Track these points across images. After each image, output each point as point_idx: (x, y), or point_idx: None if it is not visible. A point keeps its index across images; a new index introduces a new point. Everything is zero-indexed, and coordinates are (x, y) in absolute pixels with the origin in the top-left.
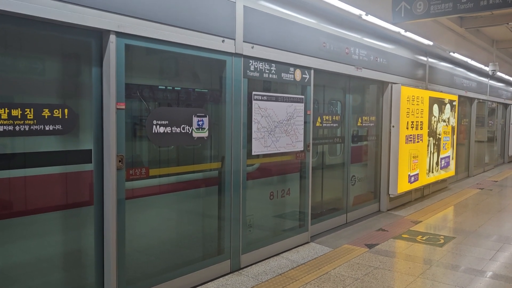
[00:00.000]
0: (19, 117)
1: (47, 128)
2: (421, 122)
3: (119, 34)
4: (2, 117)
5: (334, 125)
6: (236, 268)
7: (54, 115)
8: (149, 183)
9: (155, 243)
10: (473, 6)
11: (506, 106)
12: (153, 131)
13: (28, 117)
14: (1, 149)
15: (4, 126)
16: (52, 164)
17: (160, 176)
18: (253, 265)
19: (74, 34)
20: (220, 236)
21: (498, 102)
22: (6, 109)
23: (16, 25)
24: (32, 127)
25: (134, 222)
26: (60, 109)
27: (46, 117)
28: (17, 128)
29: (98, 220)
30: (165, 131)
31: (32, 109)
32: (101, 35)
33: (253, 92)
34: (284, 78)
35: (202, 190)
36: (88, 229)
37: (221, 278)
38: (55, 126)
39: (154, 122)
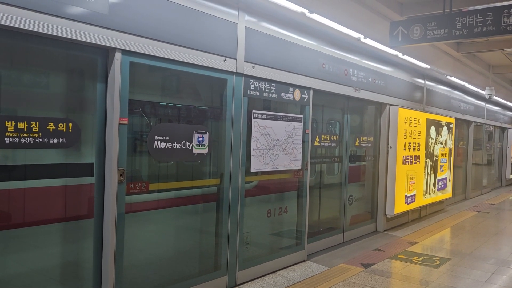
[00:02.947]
0: (25, 129)
1: (51, 141)
2: (418, 143)
3: (124, 52)
4: (9, 130)
5: (332, 144)
6: (232, 284)
7: (58, 128)
8: (149, 197)
9: (153, 257)
10: (467, 32)
11: (503, 129)
12: (154, 147)
13: (34, 130)
14: (4, 160)
15: (10, 138)
16: (54, 176)
17: (159, 191)
18: (249, 282)
19: (81, 51)
20: (217, 252)
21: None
22: (12, 121)
23: (25, 42)
24: (37, 139)
25: (133, 236)
26: (64, 123)
27: (51, 130)
28: (22, 140)
29: (97, 233)
30: (166, 147)
31: (37, 122)
32: (107, 52)
33: (253, 111)
34: (283, 97)
35: (201, 206)
36: (87, 242)
37: None
38: (59, 139)
39: (156, 137)
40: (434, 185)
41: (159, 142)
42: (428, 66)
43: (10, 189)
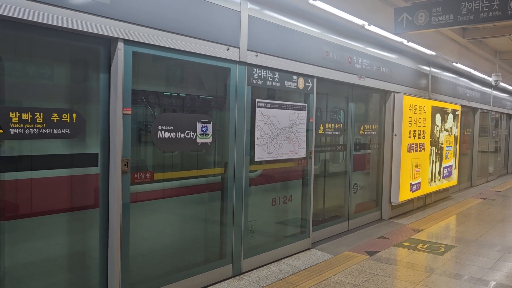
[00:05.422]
0: (29, 120)
1: (55, 132)
2: (423, 131)
3: (127, 42)
4: (13, 121)
5: (337, 133)
6: (237, 272)
7: (62, 119)
8: (153, 187)
9: (158, 246)
10: (473, 18)
11: (510, 116)
12: (158, 136)
13: (38, 121)
14: (10, 151)
15: (15, 129)
16: (59, 167)
17: (164, 180)
18: (255, 270)
19: (83, 41)
20: (222, 240)
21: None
22: (17, 113)
23: (28, 32)
24: (41, 130)
25: (138, 225)
26: (68, 114)
27: (55, 121)
28: (27, 131)
29: (103, 223)
30: (170, 136)
31: (41, 113)
32: (109, 42)
33: (257, 99)
34: (287, 86)
35: (205, 195)
36: (93, 232)
37: (222, 282)
38: (63, 130)
39: (159, 127)
40: (439, 172)
41: (163, 131)
42: (433, 53)
43: (17, 180)
